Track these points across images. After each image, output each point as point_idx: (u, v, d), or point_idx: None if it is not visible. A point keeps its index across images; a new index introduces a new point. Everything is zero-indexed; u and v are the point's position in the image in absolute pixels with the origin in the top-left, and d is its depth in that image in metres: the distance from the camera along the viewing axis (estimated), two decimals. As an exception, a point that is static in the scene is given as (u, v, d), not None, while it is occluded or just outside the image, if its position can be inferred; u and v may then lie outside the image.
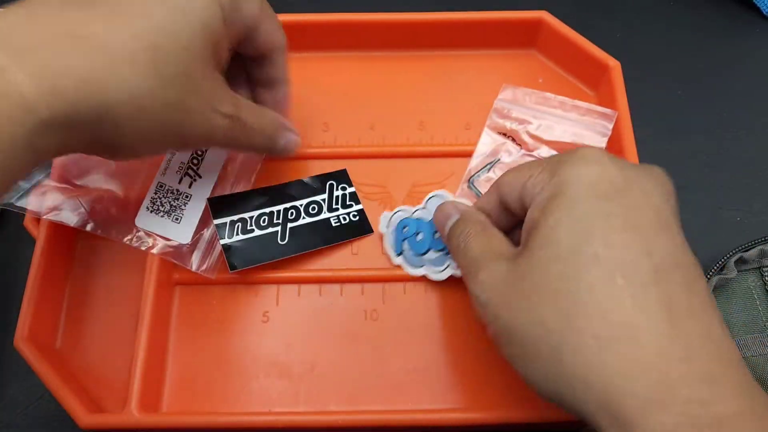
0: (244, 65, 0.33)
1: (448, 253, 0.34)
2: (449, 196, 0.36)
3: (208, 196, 0.35)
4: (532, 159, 0.36)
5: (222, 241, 0.34)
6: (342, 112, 0.40)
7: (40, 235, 0.34)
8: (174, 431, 0.32)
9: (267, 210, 0.36)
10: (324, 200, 0.37)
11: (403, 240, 0.35)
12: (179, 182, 0.35)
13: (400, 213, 0.36)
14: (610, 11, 0.47)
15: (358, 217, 0.37)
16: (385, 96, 0.41)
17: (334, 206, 0.37)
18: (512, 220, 0.30)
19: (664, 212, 0.24)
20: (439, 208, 0.33)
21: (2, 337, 0.36)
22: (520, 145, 0.38)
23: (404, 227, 0.35)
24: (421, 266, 0.35)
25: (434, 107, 0.40)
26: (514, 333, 0.25)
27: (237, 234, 0.35)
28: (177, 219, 0.34)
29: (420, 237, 0.35)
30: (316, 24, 0.41)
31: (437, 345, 0.34)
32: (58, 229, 0.35)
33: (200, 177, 0.36)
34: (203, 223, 0.35)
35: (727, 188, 0.40)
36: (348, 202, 0.37)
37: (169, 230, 0.34)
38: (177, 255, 0.34)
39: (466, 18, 0.41)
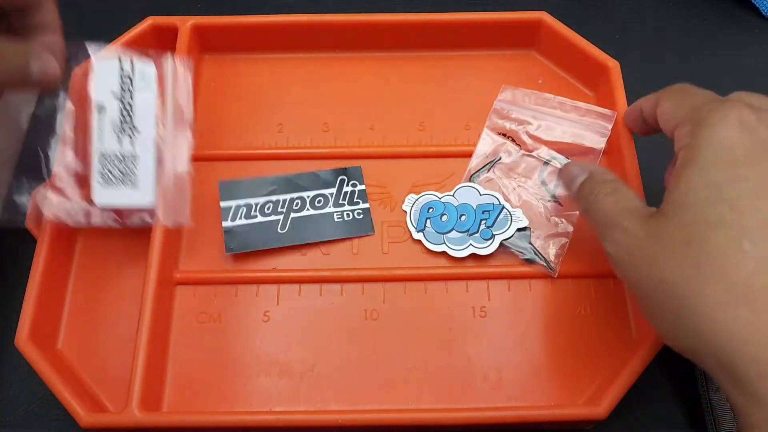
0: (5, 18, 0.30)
1: (471, 235, 0.36)
2: (479, 188, 0.37)
3: (152, 147, 0.33)
4: (539, 159, 0.37)
5: (224, 224, 0.35)
6: (342, 112, 0.40)
7: (42, 234, 0.34)
8: (175, 430, 0.32)
9: (273, 198, 0.36)
10: (332, 194, 0.37)
11: (426, 219, 0.37)
12: (119, 143, 0.33)
13: (427, 196, 0.37)
14: (609, 12, 0.47)
15: (362, 216, 0.37)
16: (385, 96, 0.41)
17: (340, 202, 0.37)
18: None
19: None
20: (564, 168, 0.33)
21: (3, 337, 0.36)
22: (519, 145, 0.38)
23: (429, 208, 0.37)
24: (442, 243, 0.36)
25: (434, 107, 0.41)
26: (642, 290, 0.26)
27: (240, 218, 0.35)
28: (133, 183, 0.33)
29: (445, 218, 0.36)
30: (317, 25, 0.41)
31: (437, 345, 0.34)
32: (59, 228, 0.35)
33: (138, 131, 0.33)
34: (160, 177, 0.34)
35: (726, 188, 0.40)
36: (355, 200, 0.37)
37: (129, 197, 0.33)
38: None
39: (466, 19, 0.41)
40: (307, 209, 0.36)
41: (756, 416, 0.22)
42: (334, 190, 0.37)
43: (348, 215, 0.37)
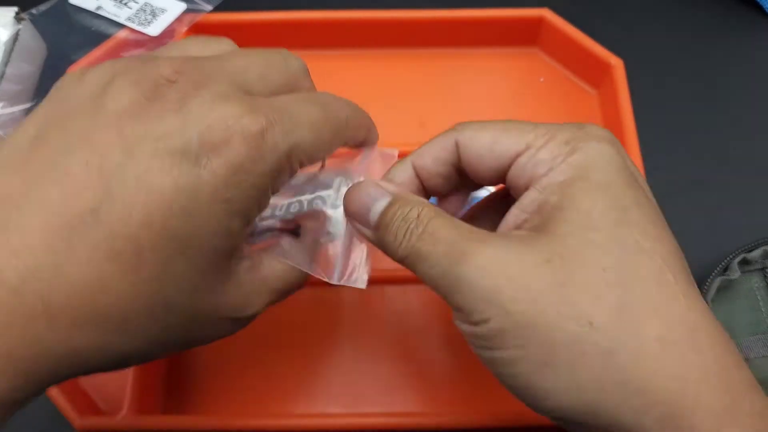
0: None
1: None
2: None
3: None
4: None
5: None
6: (341, 110, 0.40)
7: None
8: (170, 434, 0.32)
9: (270, 202, 0.36)
10: (329, 196, 0.37)
11: None
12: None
13: None
14: (612, 9, 0.47)
15: (358, 217, 0.37)
16: (384, 94, 0.41)
17: (337, 203, 0.37)
18: (445, 185, 0.25)
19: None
20: (356, 188, 0.25)
21: (-3, 338, 0.36)
22: None
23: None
24: None
25: (435, 106, 0.40)
26: (536, 331, 0.19)
27: None
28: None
29: None
30: (316, 22, 0.40)
31: (436, 346, 0.34)
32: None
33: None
34: None
35: (731, 188, 0.40)
36: None
37: None
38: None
39: (468, 16, 0.40)
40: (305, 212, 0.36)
41: None
42: (332, 192, 0.37)
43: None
